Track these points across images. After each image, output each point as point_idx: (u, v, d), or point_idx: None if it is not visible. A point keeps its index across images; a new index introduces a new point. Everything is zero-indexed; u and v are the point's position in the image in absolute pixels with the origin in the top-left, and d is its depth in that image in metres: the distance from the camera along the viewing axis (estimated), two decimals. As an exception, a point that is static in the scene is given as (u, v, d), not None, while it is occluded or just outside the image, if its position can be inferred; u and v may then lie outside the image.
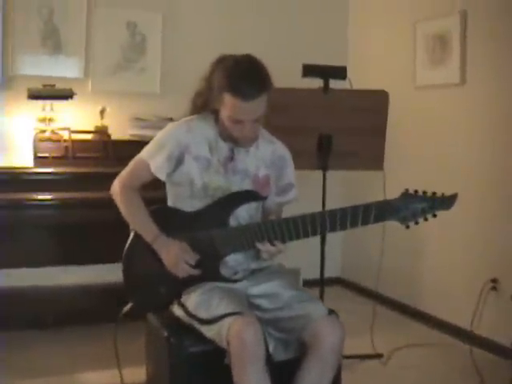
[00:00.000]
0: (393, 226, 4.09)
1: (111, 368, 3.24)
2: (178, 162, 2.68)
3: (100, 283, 3.51)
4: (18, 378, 3.66)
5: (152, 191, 2.79)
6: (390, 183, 3.73)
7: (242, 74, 2.55)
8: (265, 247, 2.58)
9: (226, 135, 2.67)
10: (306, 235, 2.57)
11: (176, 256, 2.62)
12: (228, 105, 2.56)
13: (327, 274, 3.98)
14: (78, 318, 4.06)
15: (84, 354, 3.99)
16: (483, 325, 4.26)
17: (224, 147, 2.70)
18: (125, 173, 2.82)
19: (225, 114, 2.59)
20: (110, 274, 3.59)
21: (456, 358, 4.17)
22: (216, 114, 2.67)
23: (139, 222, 2.73)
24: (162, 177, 2.72)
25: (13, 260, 3.91)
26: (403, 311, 5.05)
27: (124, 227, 2.84)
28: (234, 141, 2.67)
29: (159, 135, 2.76)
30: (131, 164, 2.82)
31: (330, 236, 3.88)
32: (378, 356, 4.09)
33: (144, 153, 2.77)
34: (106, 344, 3.16)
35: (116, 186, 2.83)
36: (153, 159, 2.71)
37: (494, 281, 4.20)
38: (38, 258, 4.03)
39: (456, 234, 4.55)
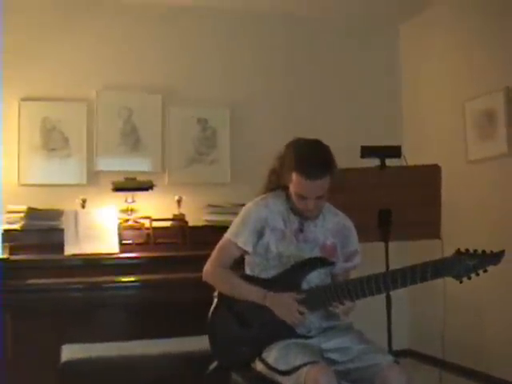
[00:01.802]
0: (453, 293, 4.33)
1: None
2: (260, 234, 3.02)
3: (182, 352, 3.78)
4: None
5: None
6: (447, 251, 3.95)
7: (309, 157, 2.91)
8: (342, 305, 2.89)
9: (295, 209, 3.02)
10: (371, 293, 2.87)
11: (289, 305, 2.91)
12: (295, 182, 2.91)
13: (395, 347, 4.10)
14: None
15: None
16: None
17: (295, 220, 3.04)
18: (214, 256, 3.13)
19: (292, 190, 2.95)
20: (189, 345, 3.87)
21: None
22: (287, 190, 3.02)
23: (243, 289, 3.02)
24: (250, 249, 3.04)
25: (103, 334, 4.23)
26: (470, 375, 5.15)
27: (199, 304, 3.17)
28: (300, 214, 3.01)
29: (240, 216, 3.10)
30: (218, 247, 3.14)
31: (395, 310, 4.16)
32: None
33: (228, 234, 3.10)
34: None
35: (208, 269, 3.13)
36: (238, 236, 3.04)
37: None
38: (120, 333, 4.35)
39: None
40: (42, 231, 4.78)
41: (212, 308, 3.09)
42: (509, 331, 4.83)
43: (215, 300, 3.10)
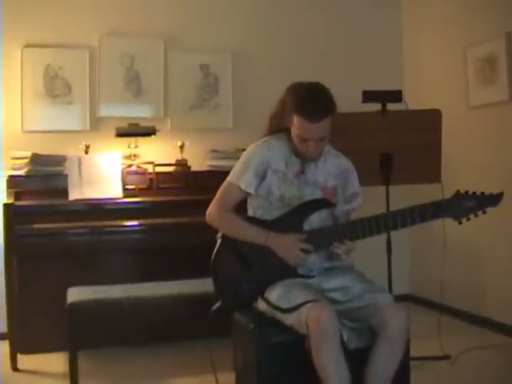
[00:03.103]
0: (453, 239, 4.39)
1: (205, 374, 3.63)
2: (263, 176, 3.06)
3: (186, 293, 3.85)
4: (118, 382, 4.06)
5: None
6: (447, 194, 3.99)
7: (310, 99, 2.94)
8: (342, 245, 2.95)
9: (296, 151, 3.06)
10: (371, 233, 2.94)
11: (290, 245, 2.97)
12: (296, 125, 2.94)
13: (395, 292, 4.07)
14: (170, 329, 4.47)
15: (177, 362, 4.39)
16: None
17: (296, 162, 3.08)
18: (217, 198, 3.18)
19: (294, 132, 2.98)
20: (192, 287, 3.94)
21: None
22: (289, 132, 3.05)
23: (245, 231, 3.07)
24: (252, 191, 3.08)
25: (108, 277, 4.32)
26: (468, 319, 5.26)
27: (202, 247, 3.23)
28: (302, 156, 3.05)
29: (242, 158, 3.14)
30: (221, 190, 3.18)
31: (396, 255, 4.22)
32: (446, 357, 4.30)
33: (231, 177, 3.14)
34: (199, 354, 3.57)
35: (212, 211, 3.17)
36: (241, 179, 3.08)
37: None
38: (124, 276, 4.43)
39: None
40: (46, 177, 4.83)
41: (215, 249, 3.15)
42: (507, 276, 4.89)
43: (218, 241, 3.15)
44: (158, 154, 5.24)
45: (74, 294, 3.82)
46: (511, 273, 4.84)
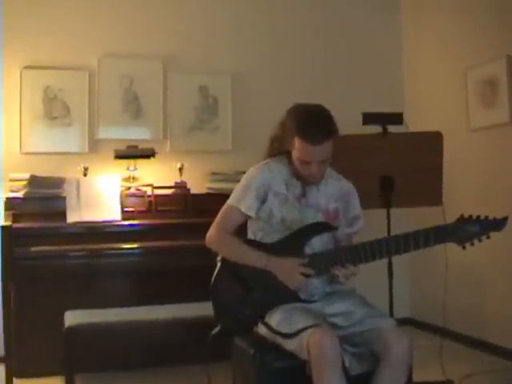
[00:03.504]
0: (455, 262, 4.36)
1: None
2: (264, 199, 3.03)
3: (185, 317, 3.81)
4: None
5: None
6: (449, 217, 3.97)
7: (311, 121, 2.92)
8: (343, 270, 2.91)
9: (297, 174, 3.03)
10: (374, 258, 2.90)
11: (291, 269, 2.93)
12: (297, 148, 2.92)
13: (396, 316, 4.02)
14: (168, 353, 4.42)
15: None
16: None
17: (297, 184, 3.05)
18: (217, 221, 3.14)
19: (295, 155, 2.95)
20: (191, 311, 3.90)
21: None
22: (289, 155, 3.02)
23: (246, 254, 3.03)
24: (253, 214, 3.05)
25: (105, 301, 4.28)
26: (470, 343, 5.20)
27: (201, 271, 3.20)
28: (303, 179, 3.02)
29: (243, 180, 3.11)
30: (221, 212, 3.14)
31: (397, 279, 4.18)
32: (449, 382, 4.23)
33: (231, 200, 3.11)
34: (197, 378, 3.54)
35: (212, 234, 3.13)
36: (241, 202, 3.05)
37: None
38: (123, 299, 4.39)
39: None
40: (45, 199, 4.78)
41: (215, 272, 3.12)
42: (508, 300, 4.85)
43: (218, 264, 3.12)
44: (157, 176, 5.20)
45: (71, 318, 3.78)
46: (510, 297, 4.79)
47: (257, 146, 3.29)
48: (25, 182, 4.74)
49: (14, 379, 4.24)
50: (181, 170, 5.19)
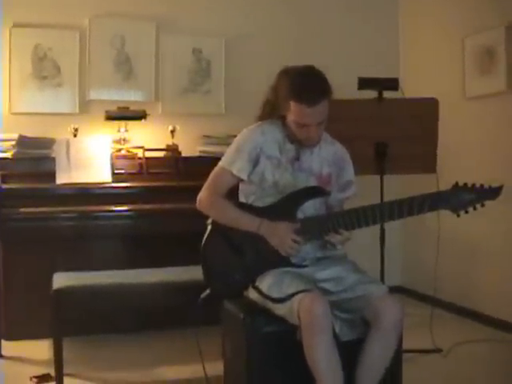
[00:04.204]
0: (447, 233, 4.34)
1: (193, 363, 3.51)
2: (256, 162, 2.97)
3: (175, 281, 3.77)
4: (104, 371, 3.96)
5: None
6: (442, 185, 3.93)
7: (305, 83, 2.85)
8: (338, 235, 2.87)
9: (292, 138, 2.96)
10: (367, 223, 2.85)
11: (283, 235, 2.88)
12: (293, 111, 2.85)
13: (387, 283, 4.11)
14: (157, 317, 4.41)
15: (165, 350, 4.32)
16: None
17: (291, 148, 2.99)
18: (208, 184, 3.08)
19: (291, 119, 2.89)
20: (181, 274, 3.86)
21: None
22: (283, 118, 2.96)
23: (238, 218, 2.97)
24: (245, 177, 2.99)
25: (95, 263, 4.27)
26: (460, 312, 5.21)
27: (191, 234, 3.13)
28: (300, 142, 2.96)
29: (235, 142, 3.04)
30: (213, 175, 3.08)
31: (389, 247, 4.16)
32: (438, 350, 4.26)
33: (223, 162, 3.04)
34: (187, 342, 3.51)
35: (203, 197, 3.07)
36: (233, 164, 2.99)
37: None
38: (112, 262, 4.33)
39: (507, 234, 4.74)
40: (34, 160, 4.73)
41: (206, 235, 3.07)
42: (499, 270, 4.85)
43: (209, 227, 3.07)
44: (148, 138, 5.15)
45: (60, 280, 3.72)
46: (504, 267, 4.79)
47: (250, 110, 3.21)
48: (13, 143, 4.68)
49: (3, 341, 4.22)
50: (172, 132, 5.13)
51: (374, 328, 2.74)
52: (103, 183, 4.62)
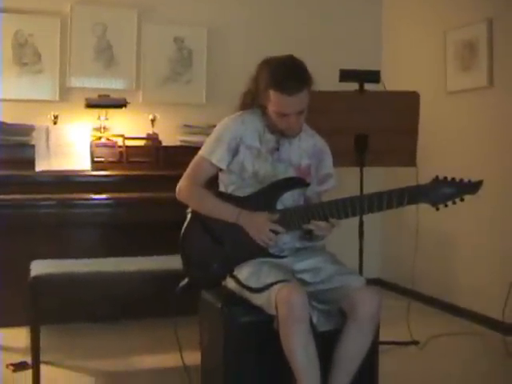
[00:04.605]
0: (426, 227, 4.37)
1: (170, 352, 3.55)
2: (235, 151, 2.96)
3: (153, 269, 3.76)
4: (81, 359, 3.95)
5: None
6: (422, 179, 3.94)
7: (285, 72, 2.84)
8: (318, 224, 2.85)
9: (273, 128, 2.96)
10: (346, 215, 2.84)
11: (261, 225, 2.87)
12: (274, 100, 2.85)
13: (365, 276, 4.13)
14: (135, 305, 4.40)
15: (142, 339, 4.32)
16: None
17: (271, 138, 2.99)
18: (187, 173, 3.06)
19: (271, 109, 2.88)
20: (160, 263, 3.86)
21: (489, 345, 4.40)
22: (263, 108, 2.95)
23: (216, 207, 2.97)
24: (224, 167, 2.98)
25: (74, 251, 4.24)
26: (438, 305, 5.24)
27: (171, 223, 3.15)
28: (281, 133, 2.95)
29: (215, 131, 3.03)
30: (192, 164, 3.07)
31: (367, 239, 4.17)
32: (415, 343, 4.30)
33: (202, 151, 3.03)
34: (164, 331, 3.50)
35: (182, 186, 3.06)
36: (213, 154, 2.97)
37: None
38: (91, 251, 4.33)
39: (485, 229, 4.78)
40: (13, 146, 4.69)
41: (185, 224, 3.06)
42: (476, 264, 4.89)
43: (188, 217, 3.06)
44: (128, 127, 5.13)
45: (38, 267, 3.70)
46: (481, 261, 4.82)
47: (231, 100, 3.20)
48: (-8, 129, 4.64)
49: (-21, 329, 4.20)
50: (153, 121, 5.12)
51: (351, 319, 2.75)
52: (83, 171, 4.61)
